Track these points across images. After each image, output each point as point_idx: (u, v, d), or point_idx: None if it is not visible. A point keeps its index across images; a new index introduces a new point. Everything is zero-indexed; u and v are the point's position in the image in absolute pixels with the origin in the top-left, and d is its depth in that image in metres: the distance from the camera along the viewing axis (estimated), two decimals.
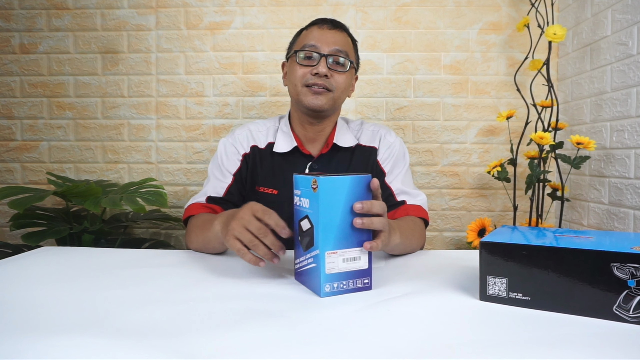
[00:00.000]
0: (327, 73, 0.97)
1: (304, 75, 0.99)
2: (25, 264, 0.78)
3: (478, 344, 0.45)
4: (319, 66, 0.97)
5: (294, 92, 1.02)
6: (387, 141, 1.08)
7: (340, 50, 0.99)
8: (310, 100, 0.99)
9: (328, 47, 0.98)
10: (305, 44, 1.00)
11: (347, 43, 1.03)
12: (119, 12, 1.69)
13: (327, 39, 0.99)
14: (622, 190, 1.32)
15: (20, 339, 0.45)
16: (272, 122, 1.12)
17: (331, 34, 1.00)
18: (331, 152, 1.06)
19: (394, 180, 1.04)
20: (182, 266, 0.78)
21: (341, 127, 1.09)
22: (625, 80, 1.30)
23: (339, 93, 1.01)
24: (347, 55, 1.00)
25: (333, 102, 1.01)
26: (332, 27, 1.01)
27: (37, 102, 1.72)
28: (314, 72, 0.98)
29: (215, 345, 0.45)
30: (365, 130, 1.11)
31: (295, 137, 1.06)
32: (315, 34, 1.00)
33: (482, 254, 0.58)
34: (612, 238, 0.59)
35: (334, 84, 0.99)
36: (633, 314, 0.49)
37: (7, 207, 1.50)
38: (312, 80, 0.98)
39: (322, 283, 0.61)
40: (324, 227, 0.60)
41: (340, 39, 1.01)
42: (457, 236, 1.72)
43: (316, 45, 0.98)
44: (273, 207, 1.04)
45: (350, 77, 1.04)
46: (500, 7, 1.66)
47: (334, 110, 1.04)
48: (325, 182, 0.60)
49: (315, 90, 0.98)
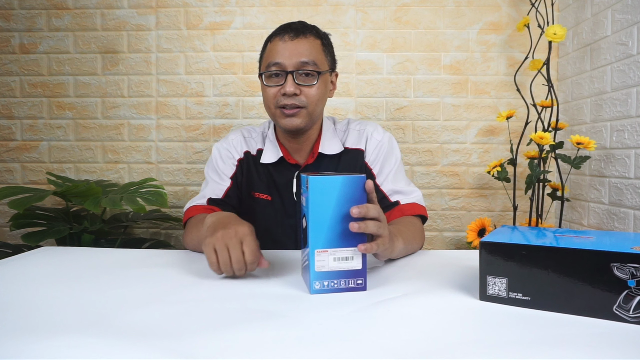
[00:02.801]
0: (296, 91, 0.92)
1: (274, 96, 0.95)
2: (25, 264, 0.78)
3: (478, 344, 0.45)
4: (285, 85, 0.92)
5: (269, 113, 0.99)
6: (375, 140, 1.04)
7: (307, 62, 0.93)
8: (285, 123, 0.95)
9: (292, 62, 0.93)
10: (269, 62, 0.95)
11: (314, 49, 0.96)
12: (119, 12, 1.69)
13: (290, 52, 0.93)
14: (622, 190, 1.32)
15: (20, 339, 0.45)
16: (261, 129, 1.10)
17: (294, 45, 0.94)
18: (317, 161, 1.02)
19: (384, 181, 1.01)
20: (182, 266, 0.78)
21: (327, 132, 1.05)
22: (625, 80, 1.30)
23: (313, 106, 0.96)
24: (315, 65, 0.94)
25: (309, 117, 0.97)
26: (294, 36, 0.94)
27: (37, 102, 1.72)
28: (282, 92, 0.93)
29: (215, 345, 0.45)
30: (352, 130, 1.07)
31: (281, 147, 1.03)
32: (278, 48, 0.94)
33: (482, 254, 0.58)
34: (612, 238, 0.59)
35: (304, 100, 0.94)
36: (633, 314, 0.49)
37: (7, 207, 1.50)
38: (283, 102, 0.94)
39: (311, 280, 0.62)
40: (313, 225, 0.61)
41: (306, 48, 0.94)
42: (457, 236, 1.72)
43: (280, 62, 0.93)
44: (267, 212, 1.05)
45: (323, 85, 0.98)
46: (500, 7, 1.66)
47: (312, 123, 1.00)
48: (315, 181, 0.61)
49: (287, 113, 0.94)
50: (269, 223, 1.04)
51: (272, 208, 1.04)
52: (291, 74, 0.93)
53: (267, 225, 1.04)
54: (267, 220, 1.04)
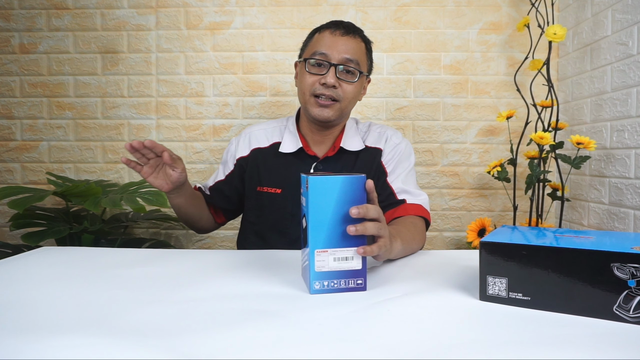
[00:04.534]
0: (335, 83, 0.96)
1: (312, 84, 0.98)
2: (25, 264, 0.78)
3: (478, 344, 0.45)
4: (327, 76, 0.96)
5: (302, 99, 1.02)
6: (393, 142, 1.08)
7: (351, 60, 0.97)
8: (317, 112, 0.99)
9: (338, 56, 0.97)
10: (315, 50, 0.98)
11: (359, 50, 1.00)
12: (119, 12, 1.69)
13: (338, 46, 0.97)
14: (622, 190, 1.32)
15: (20, 339, 0.45)
16: (280, 122, 1.14)
17: (343, 41, 0.98)
18: (337, 154, 1.05)
19: (395, 180, 1.03)
20: (182, 266, 0.78)
21: (350, 130, 1.08)
22: (625, 80, 1.30)
23: (347, 103, 1.00)
24: (357, 65, 0.98)
25: (340, 112, 1.00)
26: (345, 34, 0.99)
27: (37, 102, 1.72)
28: (322, 81, 0.96)
29: (215, 345, 0.45)
30: (373, 131, 1.10)
31: (301, 138, 1.06)
32: (326, 40, 0.98)
33: (482, 254, 0.58)
34: (612, 238, 0.59)
35: (341, 94, 0.98)
36: (633, 314, 0.49)
37: (7, 207, 1.50)
38: (320, 91, 0.97)
39: (311, 280, 0.62)
40: (313, 225, 0.62)
41: (352, 47, 0.98)
42: (457, 236, 1.72)
43: (326, 54, 0.97)
44: (276, 205, 1.06)
45: (359, 86, 1.02)
46: (500, 7, 1.66)
47: (341, 119, 1.04)
48: (315, 181, 0.61)
49: (322, 103, 0.97)
50: (277, 216, 1.05)
51: (282, 201, 1.05)
52: (334, 67, 0.96)
53: (275, 219, 1.06)
54: (275, 213, 1.06)
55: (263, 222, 1.07)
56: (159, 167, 0.89)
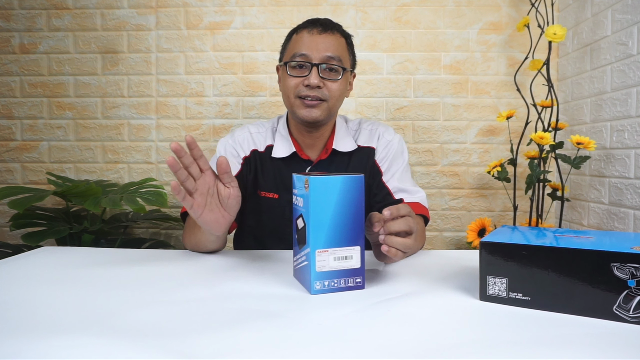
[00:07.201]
0: (320, 83, 0.94)
1: (296, 86, 0.96)
2: (25, 264, 0.78)
3: (478, 344, 0.45)
4: (310, 77, 0.93)
5: (288, 103, 0.99)
6: (385, 139, 1.06)
7: (333, 57, 0.95)
8: (304, 113, 0.96)
9: (319, 55, 0.94)
10: (295, 52, 0.95)
11: (340, 46, 0.98)
12: (119, 12, 1.69)
13: (317, 45, 0.94)
14: (622, 190, 1.32)
15: (20, 339, 0.45)
16: (270, 124, 1.09)
17: (322, 39, 0.95)
18: (330, 157, 1.03)
19: (390, 179, 1.02)
20: (182, 266, 0.78)
21: (340, 130, 1.06)
22: (625, 80, 1.30)
23: (334, 101, 0.98)
24: (340, 61, 0.96)
25: (328, 111, 0.98)
26: (323, 31, 0.96)
27: (37, 102, 1.72)
28: (305, 83, 0.94)
29: (215, 345, 0.45)
30: (364, 130, 1.08)
31: (293, 142, 1.03)
32: (305, 40, 0.95)
33: (482, 254, 0.58)
34: (612, 238, 0.59)
35: (327, 93, 0.96)
36: (633, 314, 0.49)
37: (7, 207, 1.50)
38: (305, 92, 0.95)
39: (312, 281, 0.62)
40: (314, 226, 0.61)
41: (332, 44, 0.96)
42: (457, 236, 1.72)
43: (306, 54, 0.94)
44: (274, 211, 1.05)
45: (344, 82, 1.00)
46: (500, 7, 1.66)
47: (330, 118, 1.01)
48: (315, 181, 0.61)
49: (308, 103, 0.95)
50: (276, 222, 1.03)
51: (279, 206, 1.03)
52: (316, 66, 0.94)
53: (274, 225, 1.03)
54: (273, 219, 1.03)
55: (262, 227, 1.05)
56: (210, 192, 0.73)
